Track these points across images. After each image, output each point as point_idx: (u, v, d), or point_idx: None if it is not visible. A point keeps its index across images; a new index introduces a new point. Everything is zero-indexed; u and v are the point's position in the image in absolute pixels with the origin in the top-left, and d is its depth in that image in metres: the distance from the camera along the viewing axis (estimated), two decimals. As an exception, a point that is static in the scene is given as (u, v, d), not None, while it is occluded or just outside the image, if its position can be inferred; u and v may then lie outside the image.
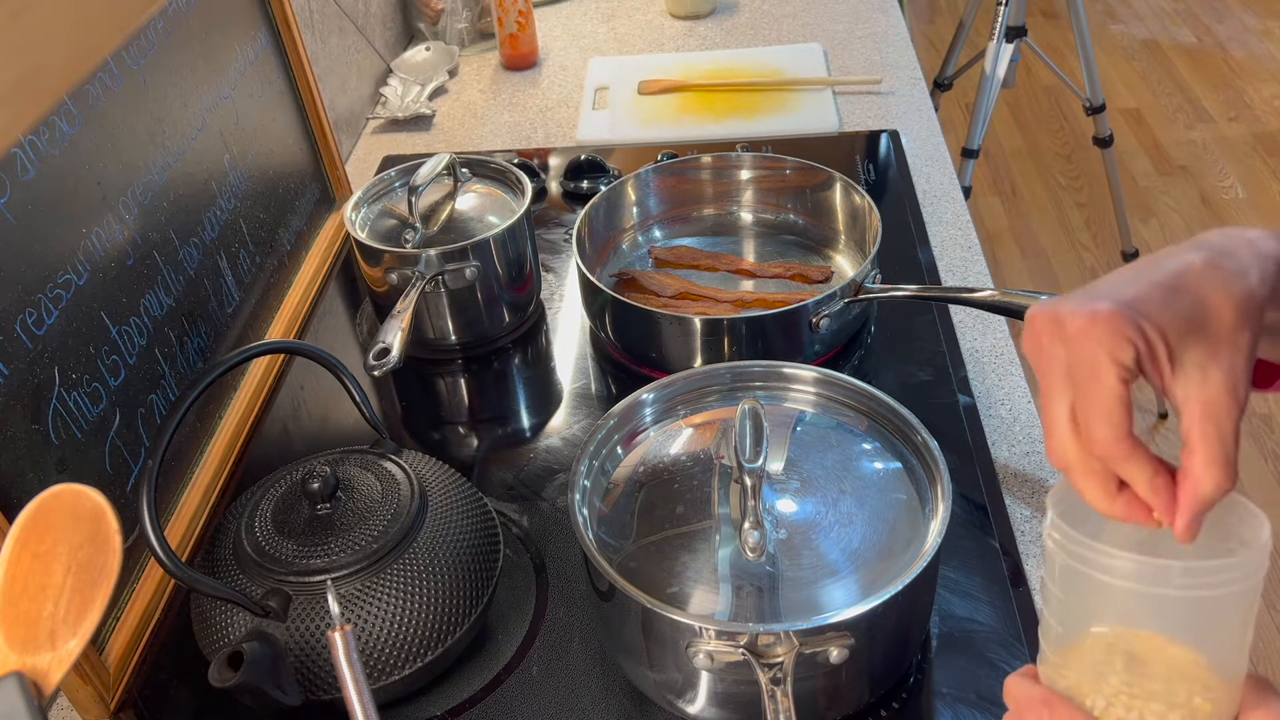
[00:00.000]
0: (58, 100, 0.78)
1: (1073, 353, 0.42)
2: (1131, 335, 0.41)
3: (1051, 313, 0.43)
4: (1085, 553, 0.42)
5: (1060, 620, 0.45)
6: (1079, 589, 0.44)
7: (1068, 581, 0.44)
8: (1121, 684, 0.43)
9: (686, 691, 0.70)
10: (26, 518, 0.59)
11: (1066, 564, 0.43)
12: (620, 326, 1.02)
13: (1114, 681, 0.43)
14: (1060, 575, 0.44)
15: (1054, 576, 0.45)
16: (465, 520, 0.78)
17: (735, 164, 1.16)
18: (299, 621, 0.71)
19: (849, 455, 0.76)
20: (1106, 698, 0.43)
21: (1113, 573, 0.42)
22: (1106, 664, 0.43)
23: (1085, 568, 0.42)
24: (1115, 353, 0.41)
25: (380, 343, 0.91)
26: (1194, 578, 0.41)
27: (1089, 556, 0.42)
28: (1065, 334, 0.42)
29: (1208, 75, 3.41)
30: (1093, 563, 0.42)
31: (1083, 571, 0.43)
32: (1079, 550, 0.42)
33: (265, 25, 1.11)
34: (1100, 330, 0.41)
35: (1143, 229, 2.79)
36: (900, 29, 1.65)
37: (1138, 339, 0.41)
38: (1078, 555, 0.43)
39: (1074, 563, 0.43)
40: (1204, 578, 0.41)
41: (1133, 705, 0.43)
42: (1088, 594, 0.43)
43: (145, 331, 0.86)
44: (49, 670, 0.57)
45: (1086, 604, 0.44)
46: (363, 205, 1.07)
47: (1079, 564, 0.43)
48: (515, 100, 1.55)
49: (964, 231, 1.19)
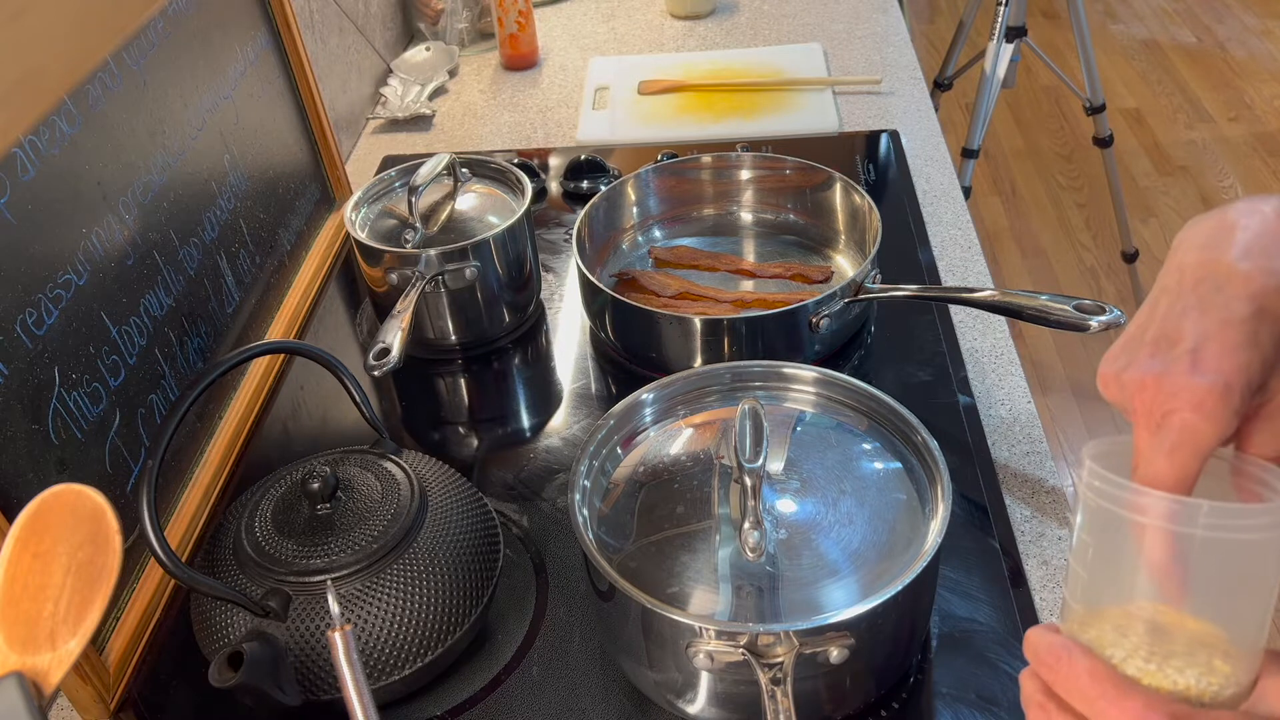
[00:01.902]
0: (58, 100, 0.78)
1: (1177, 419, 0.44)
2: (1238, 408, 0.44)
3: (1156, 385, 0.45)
4: (1119, 493, 0.44)
5: (1088, 568, 0.46)
6: (1110, 533, 0.45)
7: (1099, 528, 0.45)
8: (1142, 641, 0.44)
9: (686, 691, 0.70)
10: (26, 518, 0.59)
11: (1100, 506, 0.45)
12: (620, 326, 1.02)
13: (1134, 639, 0.44)
14: (1092, 522, 0.46)
15: (1086, 525, 0.46)
16: (465, 520, 0.78)
17: (735, 164, 1.16)
18: (299, 621, 0.71)
19: (849, 455, 0.76)
20: (1126, 650, 0.44)
21: (1144, 511, 0.43)
22: (1129, 627, 0.44)
23: (1117, 508, 0.44)
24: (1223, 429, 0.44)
25: (380, 343, 0.91)
26: (1221, 517, 0.42)
27: (1122, 497, 0.44)
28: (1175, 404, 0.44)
29: (1208, 75, 3.42)
30: (1125, 502, 0.44)
31: (1115, 513, 0.44)
32: (1113, 491, 0.44)
33: (265, 25, 1.11)
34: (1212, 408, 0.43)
35: (1143, 229, 2.79)
36: (900, 29, 1.65)
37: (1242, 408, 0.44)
38: (1111, 496, 0.44)
39: (1107, 504, 0.44)
40: (1231, 518, 0.42)
41: (1151, 659, 0.44)
42: (1118, 538, 0.45)
43: (145, 331, 0.86)
44: (49, 670, 0.57)
45: (1116, 550, 0.45)
46: (363, 205, 1.07)
47: (1112, 505, 0.44)
48: (515, 100, 1.55)
49: (964, 231, 1.19)
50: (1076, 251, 2.76)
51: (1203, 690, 0.43)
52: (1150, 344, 0.46)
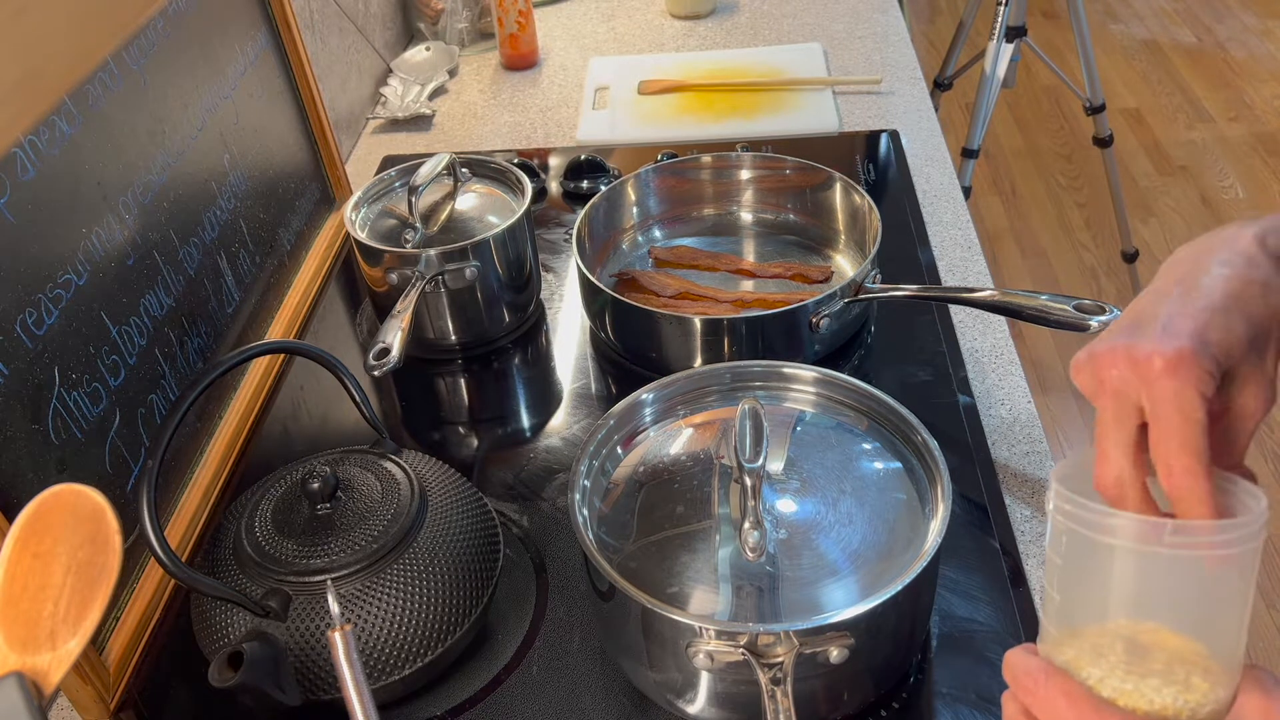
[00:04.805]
0: (58, 100, 0.78)
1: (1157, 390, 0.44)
2: (1212, 370, 0.44)
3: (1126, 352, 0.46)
4: (1085, 515, 0.44)
5: (1061, 589, 0.46)
6: (1080, 555, 0.45)
7: (1069, 550, 0.45)
8: (1120, 660, 0.44)
9: (686, 691, 0.70)
10: (26, 518, 0.59)
11: (1068, 528, 0.45)
12: (620, 326, 1.02)
13: (1112, 659, 0.44)
14: (1061, 544, 0.45)
15: (1056, 546, 0.46)
16: (465, 520, 0.78)
17: (735, 164, 1.16)
18: (299, 621, 0.71)
19: (849, 455, 0.76)
20: (1103, 670, 0.44)
21: (1111, 533, 0.43)
22: (1107, 646, 0.44)
23: (1085, 529, 0.44)
24: (1202, 388, 0.44)
25: (380, 343, 0.91)
26: (1187, 535, 0.42)
27: (1089, 519, 0.44)
28: (1147, 373, 0.45)
29: (1208, 75, 3.41)
30: (1092, 524, 0.44)
31: (1083, 535, 0.44)
32: (1080, 513, 0.44)
33: (265, 25, 1.11)
34: (1186, 369, 0.44)
35: (1143, 229, 2.79)
36: (900, 29, 1.65)
37: (1216, 371, 0.44)
38: (1078, 518, 0.44)
39: (1075, 525, 0.44)
40: (1197, 536, 0.42)
41: (1128, 678, 0.43)
42: (1088, 559, 0.44)
43: (145, 331, 0.86)
44: (49, 670, 0.57)
45: (1086, 570, 0.45)
46: (363, 205, 1.07)
47: (1080, 527, 0.44)
48: (515, 100, 1.55)
49: (964, 231, 1.19)
50: (1076, 251, 2.76)
51: (1180, 708, 0.42)
52: (1124, 327, 0.47)
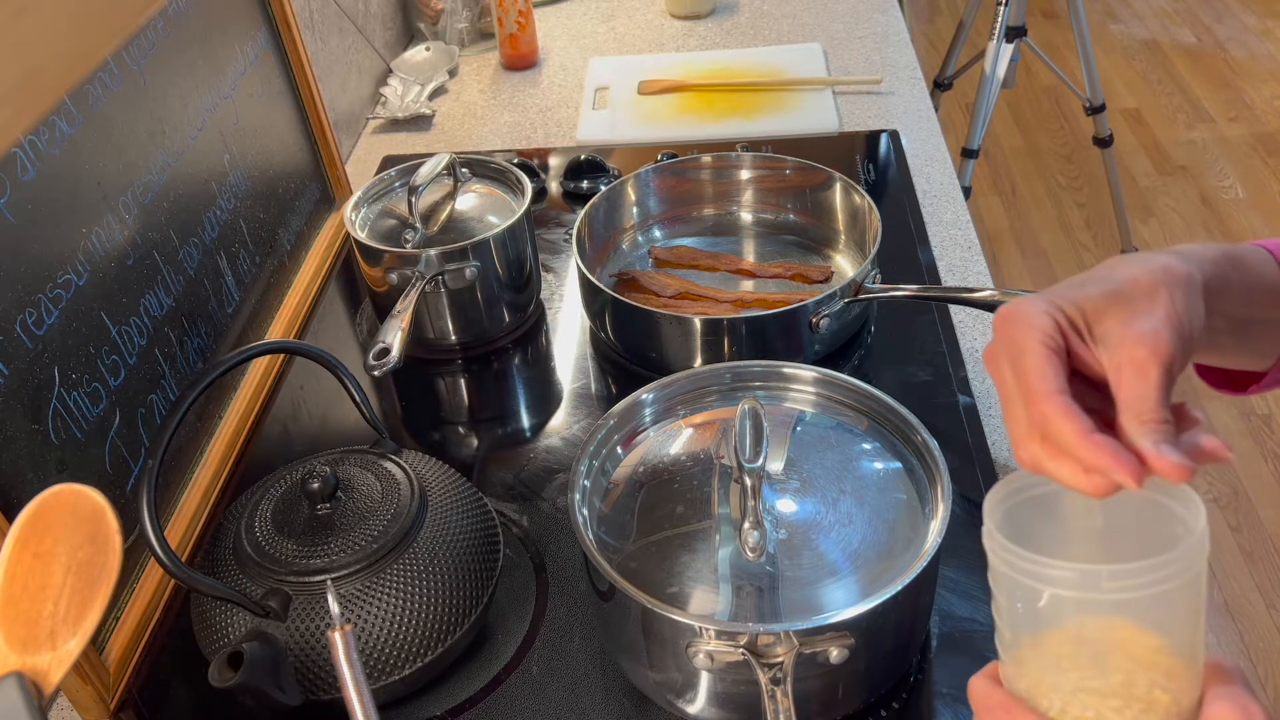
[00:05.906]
0: (58, 100, 0.78)
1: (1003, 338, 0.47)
2: (1047, 309, 0.46)
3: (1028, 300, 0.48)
4: (1018, 561, 0.43)
5: (1008, 626, 0.46)
6: (1018, 596, 0.44)
7: (1008, 588, 0.45)
8: (1080, 679, 0.43)
9: (686, 691, 0.70)
10: (26, 518, 0.59)
11: (1003, 572, 0.44)
12: (620, 326, 1.02)
13: (1073, 677, 0.43)
14: (999, 582, 0.45)
15: (996, 582, 0.45)
16: (465, 520, 0.78)
17: (735, 164, 1.16)
18: (299, 621, 0.71)
19: (849, 455, 0.76)
20: (1064, 697, 0.43)
21: (1046, 581, 0.43)
22: (1067, 659, 0.44)
23: (1021, 577, 0.43)
24: (1034, 321, 0.46)
25: (380, 343, 0.91)
26: (1122, 579, 0.41)
27: (1025, 567, 0.43)
28: (997, 328, 0.47)
29: (1208, 75, 3.41)
30: (1029, 573, 0.43)
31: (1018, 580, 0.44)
32: (1012, 560, 0.43)
33: (265, 25, 1.11)
34: (1020, 310, 0.46)
35: (1143, 229, 2.79)
36: (900, 29, 1.65)
37: (1055, 312, 0.46)
38: (1011, 564, 0.44)
39: (1009, 571, 0.44)
40: (1133, 579, 0.41)
41: (1089, 704, 0.43)
42: (1027, 600, 0.44)
43: (145, 331, 0.86)
44: (49, 670, 0.57)
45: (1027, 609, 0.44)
46: (363, 205, 1.07)
47: (1013, 573, 0.44)
48: (515, 100, 1.55)
49: (964, 231, 1.19)
50: (1076, 251, 2.76)
51: None
52: None
